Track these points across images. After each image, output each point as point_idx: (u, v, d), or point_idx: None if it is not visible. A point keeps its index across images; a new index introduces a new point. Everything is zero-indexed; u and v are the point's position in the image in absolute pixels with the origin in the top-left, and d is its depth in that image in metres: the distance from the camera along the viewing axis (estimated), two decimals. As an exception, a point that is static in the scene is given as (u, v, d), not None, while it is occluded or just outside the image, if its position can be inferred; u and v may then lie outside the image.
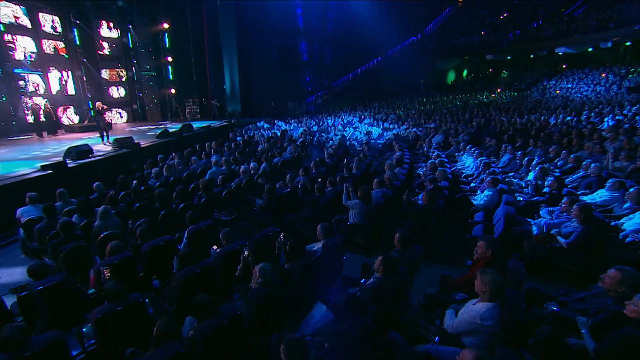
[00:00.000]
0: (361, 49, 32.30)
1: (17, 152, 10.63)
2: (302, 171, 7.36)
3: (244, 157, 9.24)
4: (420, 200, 6.11)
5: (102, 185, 6.35)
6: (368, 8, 30.75)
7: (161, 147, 11.62)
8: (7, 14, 14.86)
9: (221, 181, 6.77)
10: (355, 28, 30.72)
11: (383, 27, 34.31)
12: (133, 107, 19.23)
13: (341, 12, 28.93)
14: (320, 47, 28.01)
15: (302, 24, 26.01)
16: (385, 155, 11.16)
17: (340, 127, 17.27)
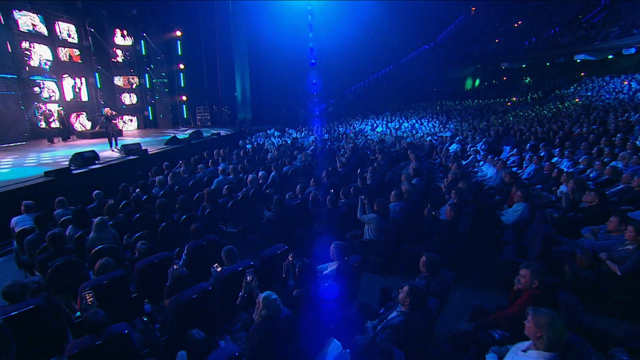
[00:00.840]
0: (373, 56, 32.00)
1: (27, 157, 10.47)
2: (313, 181, 6.89)
3: (253, 165, 8.84)
4: (443, 215, 5.56)
5: (102, 193, 5.99)
6: (380, 16, 30.51)
7: (169, 154, 11.33)
8: (25, 22, 15.01)
9: (226, 191, 6.32)
10: (368, 36, 30.47)
11: (395, 35, 34.00)
12: (144, 114, 19.18)
13: (353, 20, 28.71)
14: (331, 54, 27.75)
15: (313, 31, 25.82)
16: (400, 165, 10.63)
17: (352, 135, 16.81)
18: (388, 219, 5.18)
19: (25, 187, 7.19)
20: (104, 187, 8.79)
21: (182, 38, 19.55)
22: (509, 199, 6.17)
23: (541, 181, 7.36)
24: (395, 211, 5.41)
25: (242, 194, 6.48)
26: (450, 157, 9.37)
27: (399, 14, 33.52)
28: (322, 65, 27.12)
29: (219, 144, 13.22)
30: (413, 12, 35.64)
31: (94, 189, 8.62)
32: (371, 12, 29.72)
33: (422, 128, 17.91)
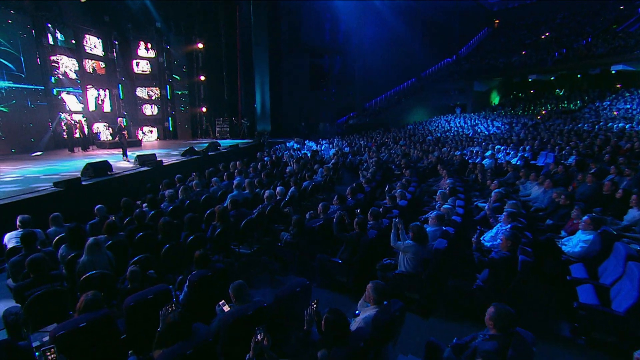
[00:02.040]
0: (395, 69, 31.44)
1: (44, 167, 10.21)
2: (337, 199, 6.13)
3: (270, 179, 8.18)
4: (489, 242, 4.67)
5: (104, 208, 5.42)
6: (402, 29, 30.02)
7: (184, 165, 10.87)
8: (56, 36, 15.28)
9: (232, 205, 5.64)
10: (388, 49, 29.99)
11: (417, 48, 33.44)
12: (164, 125, 19.09)
13: (374, 34, 28.33)
14: (352, 67, 27.32)
15: (334, 45, 25.54)
16: (429, 182, 9.74)
17: (374, 148, 16.01)
18: (427, 247, 4.34)
19: (32, 199, 6.76)
20: (115, 199, 8.36)
21: (203, 50, 19.52)
22: (568, 225, 5.21)
23: (600, 202, 6.33)
24: (434, 237, 4.56)
25: (258, 212, 5.78)
26: (487, 173, 8.42)
27: (421, 27, 33.01)
28: (343, 78, 26.72)
29: (237, 156, 12.70)
30: (435, 26, 35.09)
31: (104, 201, 8.20)
32: (393, 25, 29.32)
33: (448, 142, 16.94)
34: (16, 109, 13.87)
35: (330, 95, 25.58)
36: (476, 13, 42.35)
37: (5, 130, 13.67)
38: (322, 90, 25.21)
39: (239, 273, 5.31)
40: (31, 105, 14.49)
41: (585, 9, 33.49)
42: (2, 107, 13.60)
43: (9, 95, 13.71)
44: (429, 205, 7.40)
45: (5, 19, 13.40)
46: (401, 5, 28.57)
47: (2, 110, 13.54)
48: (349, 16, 24.84)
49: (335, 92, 26.03)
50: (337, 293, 4.79)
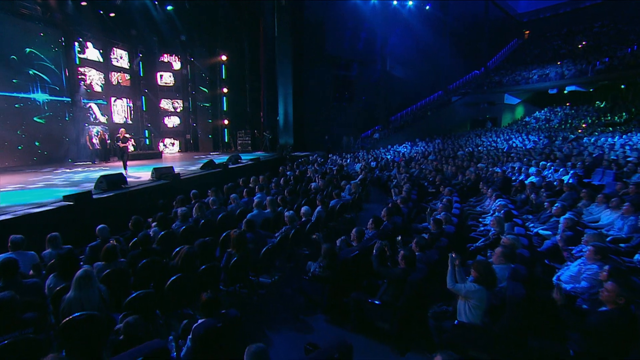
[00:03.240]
0: (420, 82, 30.56)
1: (62, 179, 9.93)
2: (372, 223, 5.27)
3: (294, 197, 7.42)
4: (569, 285, 3.68)
5: (107, 229, 4.79)
6: (428, 41, 29.25)
7: (203, 179, 10.32)
8: (85, 49, 15.54)
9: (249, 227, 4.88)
10: (414, 61, 29.22)
11: (443, 60, 32.51)
12: (186, 137, 18.94)
13: (399, 45, 27.69)
14: (377, 80, 26.66)
15: (358, 56, 25.02)
16: (471, 202, 8.71)
17: (402, 163, 15.06)
18: (495, 292, 3.40)
19: (40, 213, 6.27)
20: (128, 215, 7.81)
21: (227, 62, 19.41)
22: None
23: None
24: (503, 278, 3.61)
25: (281, 237, 5.00)
26: (542, 194, 7.32)
27: (448, 38, 32.12)
28: (368, 91, 26.07)
29: (258, 170, 12.09)
30: (462, 37, 34.11)
31: (116, 217, 7.69)
32: (419, 36, 28.60)
33: (483, 157, 15.74)
34: (50, 121, 14.15)
35: (354, 108, 24.92)
36: (505, 24, 41.13)
37: (41, 141, 13.88)
38: (346, 102, 24.61)
39: (257, 310, 4.51)
40: (66, 118, 14.71)
41: (627, 17, 31.66)
42: (39, 119, 13.88)
43: (45, 107, 14.01)
44: (476, 231, 6.41)
45: (38, 32, 13.64)
46: (427, 16, 27.87)
47: (38, 121, 13.80)
48: (374, 28, 24.35)
49: (359, 105, 25.36)
50: (377, 341, 3.90)
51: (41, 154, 13.92)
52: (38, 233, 6.09)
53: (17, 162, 12.96)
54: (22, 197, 7.38)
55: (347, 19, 22.69)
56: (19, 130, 13.06)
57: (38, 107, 13.80)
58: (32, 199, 7.13)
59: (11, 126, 12.75)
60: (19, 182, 9.28)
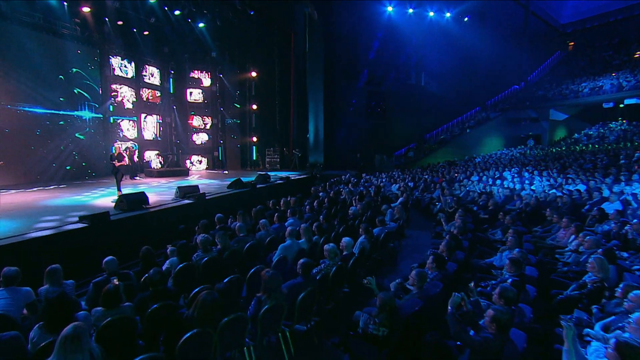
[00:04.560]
0: (456, 98, 29.35)
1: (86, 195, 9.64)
2: (433, 262, 4.28)
3: (331, 223, 6.55)
4: None
5: (115, 262, 4.10)
6: (464, 55, 28.16)
7: (230, 199, 9.71)
8: (118, 67, 15.80)
9: (300, 269, 4.01)
10: (450, 76, 28.17)
11: (481, 75, 31.23)
12: (214, 155, 18.74)
13: (435, 60, 26.81)
14: (411, 96, 25.77)
15: (392, 72, 24.34)
16: (536, 232, 7.47)
17: (444, 184, 13.88)
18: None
19: (51, 237, 5.75)
20: (147, 239, 7.24)
21: (256, 79, 19.29)
22: None
23: None
24: None
25: (321, 277, 4.12)
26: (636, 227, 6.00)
27: (485, 52, 30.88)
28: (402, 107, 25.20)
29: (288, 190, 11.41)
30: (500, 51, 32.73)
31: (135, 240, 7.11)
32: (454, 50, 27.61)
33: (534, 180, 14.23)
34: (89, 137, 14.47)
35: (387, 125, 24.05)
36: (546, 36, 39.32)
37: (81, 156, 14.17)
38: (379, 120, 23.82)
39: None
40: (99, 134, 14.93)
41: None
42: (80, 135, 14.20)
43: (85, 123, 14.38)
44: (556, 272, 5.23)
45: (75, 49, 13.99)
46: (464, 29, 26.91)
47: (79, 137, 14.15)
48: (409, 42, 23.72)
49: (392, 122, 24.48)
50: None
51: (80, 169, 14.18)
52: (48, 259, 5.59)
53: (53, 176, 13.07)
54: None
55: (381, 33, 22.19)
56: (62, 146, 13.41)
57: (80, 124, 14.18)
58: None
59: (54, 142, 13.07)
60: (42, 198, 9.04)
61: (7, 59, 11.59)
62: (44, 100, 12.79)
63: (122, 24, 14.92)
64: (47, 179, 12.44)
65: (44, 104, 12.79)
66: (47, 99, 12.87)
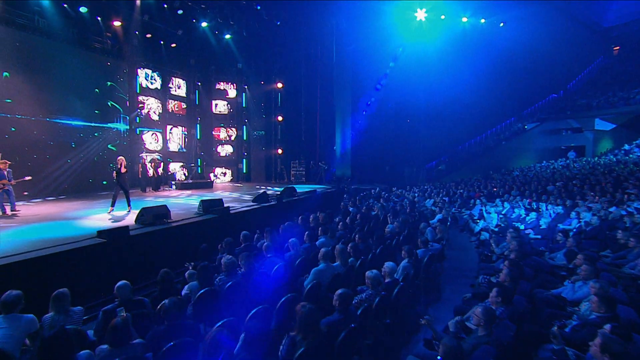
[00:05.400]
0: (490, 107, 28.12)
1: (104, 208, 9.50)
2: (498, 296, 3.58)
3: (368, 243, 5.93)
4: None
5: (128, 287, 3.65)
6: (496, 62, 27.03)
7: (256, 214, 9.29)
8: (145, 79, 16.07)
9: (337, 301, 3.43)
10: (483, 84, 27.06)
11: (516, 84, 29.87)
12: (238, 167, 18.60)
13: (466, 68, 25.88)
14: (442, 105, 24.88)
15: (422, 81, 23.61)
16: (604, 257, 6.51)
17: (483, 199, 12.94)
18: None
19: (68, 252, 5.45)
20: (168, 256, 6.89)
21: (282, 90, 19.16)
22: None
23: None
24: None
25: (363, 310, 3.51)
26: None
27: (521, 59, 29.59)
28: (432, 118, 24.35)
29: (315, 204, 10.88)
30: (537, 57, 31.30)
31: (156, 257, 6.77)
32: (487, 58, 26.56)
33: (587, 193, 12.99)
34: (120, 149, 14.78)
35: (417, 137, 23.25)
36: (588, 41, 37.36)
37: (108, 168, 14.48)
38: (409, 131, 23.08)
39: None
40: (117, 144, 15.10)
41: None
42: (112, 147, 14.57)
43: (117, 135, 14.79)
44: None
45: (105, 61, 14.33)
46: (498, 35, 25.90)
47: (112, 149, 14.52)
48: (440, 50, 22.97)
49: (423, 133, 23.65)
50: None
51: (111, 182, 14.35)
52: (61, 277, 5.29)
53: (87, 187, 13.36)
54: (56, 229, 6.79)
55: (411, 43, 21.61)
56: (96, 157, 13.84)
57: (112, 136, 14.58)
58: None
59: (88, 153, 13.47)
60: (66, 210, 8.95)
61: (44, 73, 12.04)
62: (80, 112, 13.27)
63: (150, 36, 15.22)
64: (77, 190, 12.58)
65: (80, 116, 13.28)
66: (82, 112, 13.33)
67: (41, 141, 11.87)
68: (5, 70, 10.89)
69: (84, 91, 13.39)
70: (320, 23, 17.76)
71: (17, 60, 11.18)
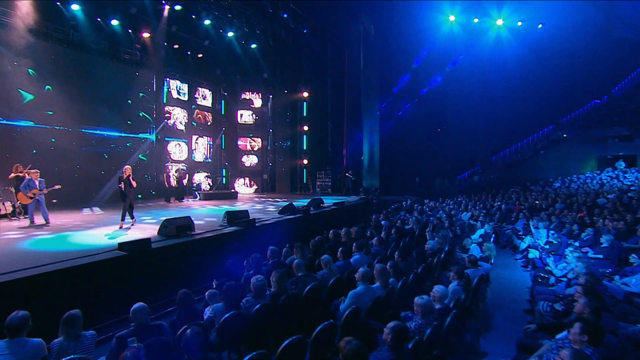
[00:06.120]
0: (527, 115, 26.80)
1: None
2: (585, 332, 2.94)
3: (410, 261, 5.37)
4: None
5: (146, 310, 3.27)
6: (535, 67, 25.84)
7: (282, 227, 8.89)
8: (173, 89, 16.31)
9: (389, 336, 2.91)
10: (518, 90, 25.89)
11: (555, 89, 28.40)
12: (263, 177, 18.43)
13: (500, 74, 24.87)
14: (475, 114, 23.94)
15: (454, 87, 22.86)
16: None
17: (526, 212, 12.01)
18: None
19: (86, 266, 5.19)
20: (192, 271, 6.58)
21: (308, 99, 18.97)
22: None
23: None
24: None
25: (414, 345, 2.97)
26: None
27: (560, 63, 28.17)
28: (464, 126, 23.44)
29: (344, 217, 10.39)
30: (577, 61, 29.73)
31: (179, 272, 6.48)
32: (523, 62, 25.43)
33: None
34: (148, 158, 15.18)
35: (449, 147, 22.39)
36: (634, 43, 35.22)
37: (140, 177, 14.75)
38: (439, 141, 22.30)
39: None
40: (144, 154, 15.30)
41: None
42: (143, 157, 14.93)
43: (147, 145, 15.10)
44: None
45: (134, 71, 14.63)
46: (535, 38, 24.78)
47: (143, 159, 14.91)
48: (472, 55, 22.23)
49: (454, 143, 22.77)
50: None
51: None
52: (79, 293, 5.03)
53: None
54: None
55: (442, 48, 21.05)
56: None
57: (143, 146, 14.90)
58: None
59: (117, 163, 13.60)
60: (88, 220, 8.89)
61: (78, 84, 12.47)
62: (114, 123, 13.73)
63: (177, 47, 15.44)
64: (111, 200, 12.69)
65: (114, 127, 13.77)
66: (115, 122, 13.78)
67: (76, 151, 12.31)
68: (47, 84, 11.53)
69: (116, 102, 13.79)
70: (347, 29, 17.54)
71: (53, 73, 11.69)
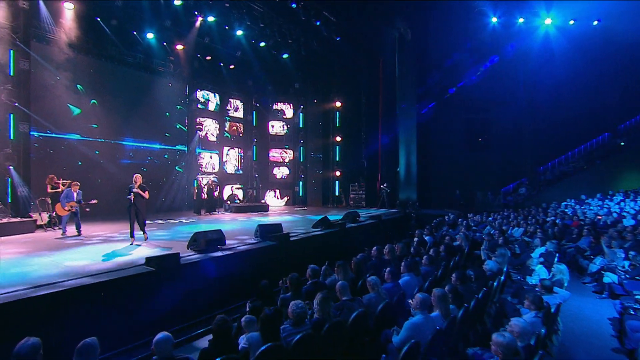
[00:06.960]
0: (578, 122, 25.01)
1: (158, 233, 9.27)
2: None
3: (469, 286, 4.69)
4: None
5: (170, 341, 2.83)
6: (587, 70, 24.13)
7: (317, 241, 8.43)
8: (204, 100, 16.56)
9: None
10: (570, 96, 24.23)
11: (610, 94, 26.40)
12: (294, 190, 18.15)
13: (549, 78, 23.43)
14: (521, 122, 22.61)
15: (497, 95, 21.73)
16: None
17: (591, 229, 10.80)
18: None
19: (110, 282, 4.92)
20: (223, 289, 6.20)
21: (341, 109, 18.63)
22: None
23: None
24: None
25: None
26: None
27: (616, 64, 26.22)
28: (509, 135, 22.17)
29: (381, 232, 9.76)
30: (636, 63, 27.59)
31: (209, 291, 6.12)
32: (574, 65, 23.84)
33: None
34: (184, 170, 15.57)
35: (492, 157, 21.19)
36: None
37: (180, 189, 15.27)
38: (481, 151, 21.17)
39: None
40: (177, 166, 15.56)
41: None
42: (179, 168, 15.38)
43: (182, 157, 15.60)
44: None
45: (167, 82, 14.95)
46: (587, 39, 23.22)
47: (179, 170, 15.35)
48: (516, 59, 21.11)
49: (498, 153, 21.53)
50: None
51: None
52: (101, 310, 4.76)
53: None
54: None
55: (482, 51, 20.15)
56: (164, 178, 14.74)
57: (179, 158, 15.45)
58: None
59: (155, 175, 14.11)
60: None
61: (117, 97, 12.97)
62: (154, 135, 14.29)
63: (210, 58, 15.66)
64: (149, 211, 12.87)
65: (155, 139, 14.37)
66: (155, 135, 14.36)
67: (116, 163, 12.85)
68: (92, 98, 12.22)
69: (153, 114, 14.24)
70: (382, 36, 17.12)
71: (93, 87, 12.26)
